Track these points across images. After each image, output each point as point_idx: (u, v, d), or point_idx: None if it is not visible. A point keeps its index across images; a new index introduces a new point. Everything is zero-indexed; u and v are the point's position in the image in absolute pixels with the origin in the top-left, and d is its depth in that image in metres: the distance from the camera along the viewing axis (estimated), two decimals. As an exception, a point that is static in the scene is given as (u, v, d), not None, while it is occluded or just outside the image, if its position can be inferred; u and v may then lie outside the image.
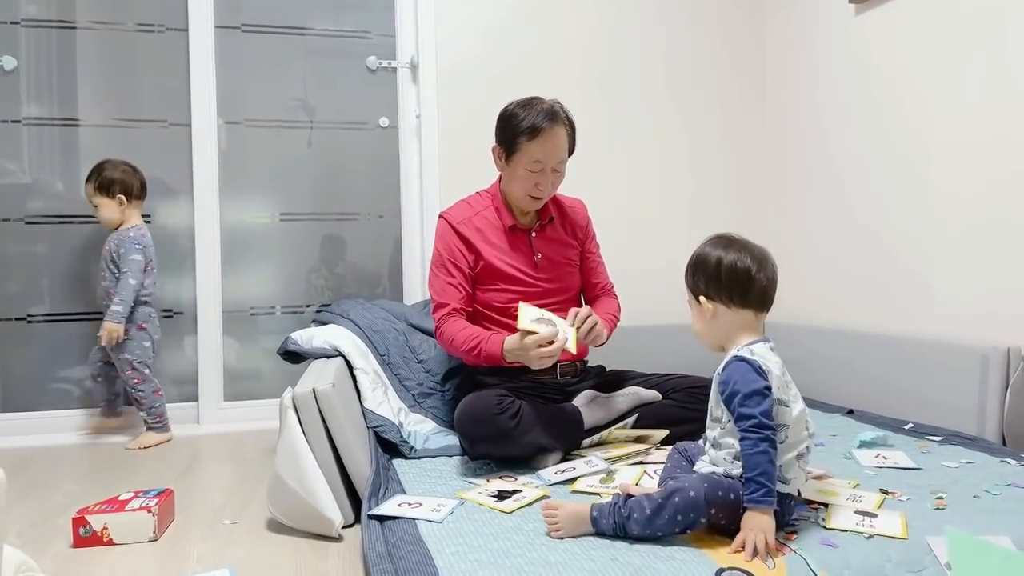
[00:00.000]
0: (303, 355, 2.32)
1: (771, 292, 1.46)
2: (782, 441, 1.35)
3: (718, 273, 1.46)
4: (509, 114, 2.03)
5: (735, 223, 3.16)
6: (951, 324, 2.33)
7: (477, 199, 2.20)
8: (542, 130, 1.97)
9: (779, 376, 1.38)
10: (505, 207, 2.15)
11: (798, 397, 1.41)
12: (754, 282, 1.44)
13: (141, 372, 2.59)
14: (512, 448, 1.83)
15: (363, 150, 3.05)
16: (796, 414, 1.37)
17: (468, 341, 1.95)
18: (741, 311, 1.45)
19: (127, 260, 2.58)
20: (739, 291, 1.44)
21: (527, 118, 1.98)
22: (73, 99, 2.81)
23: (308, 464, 1.65)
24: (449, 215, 2.15)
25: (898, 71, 2.54)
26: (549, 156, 2.00)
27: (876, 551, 1.28)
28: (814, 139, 2.97)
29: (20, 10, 2.74)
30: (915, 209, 2.48)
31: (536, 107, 1.99)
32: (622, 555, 1.27)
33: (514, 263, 2.11)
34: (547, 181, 2.04)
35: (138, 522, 1.64)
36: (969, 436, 2.07)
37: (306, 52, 3.01)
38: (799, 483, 1.40)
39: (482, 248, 2.09)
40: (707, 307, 1.47)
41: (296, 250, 3.01)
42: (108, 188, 2.59)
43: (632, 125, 3.14)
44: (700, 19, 3.20)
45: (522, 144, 1.99)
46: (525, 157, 2.00)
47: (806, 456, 1.40)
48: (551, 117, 1.98)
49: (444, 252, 2.09)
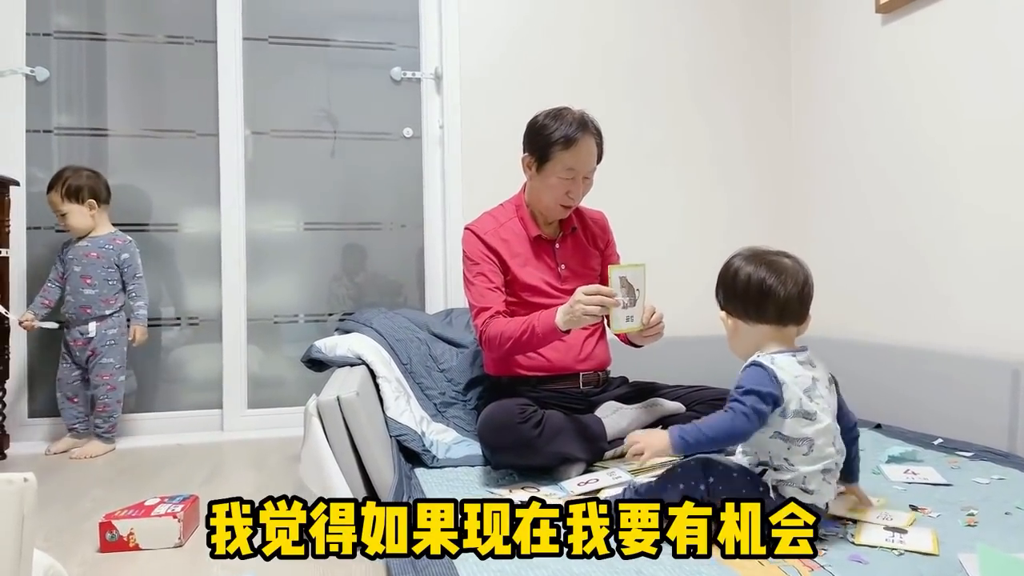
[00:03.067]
0: (327, 363, 2.33)
1: (792, 306, 1.42)
2: (805, 454, 1.35)
3: (735, 288, 1.46)
4: (540, 125, 2.05)
5: (759, 233, 3.18)
6: (981, 338, 2.29)
7: (501, 211, 2.21)
8: (575, 140, 2.00)
9: (798, 388, 1.37)
10: (530, 217, 2.16)
11: (827, 412, 1.39)
12: (770, 297, 1.41)
13: (117, 379, 2.61)
14: (535, 458, 1.83)
15: (387, 160, 3.07)
16: (820, 428, 1.36)
17: (519, 328, 1.90)
18: (758, 326, 1.44)
19: (136, 264, 2.62)
20: (754, 306, 1.43)
21: (559, 128, 2.00)
22: (103, 109, 2.86)
23: (332, 472, 1.66)
24: (475, 227, 2.15)
25: (925, 81, 2.51)
26: (582, 164, 2.03)
27: (906, 568, 1.26)
28: (839, 149, 2.95)
29: (52, 22, 2.80)
30: (943, 221, 2.44)
31: (567, 117, 2.02)
32: (647, 568, 1.26)
33: (539, 274, 2.12)
34: (578, 189, 2.07)
35: (164, 528, 1.65)
36: (1000, 452, 2.03)
37: (331, 63, 3.04)
38: (825, 497, 1.38)
39: (509, 260, 2.10)
40: (727, 322, 1.50)
41: (320, 259, 3.03)
42: (76, 194, 2.56)
43: (654, 135, 3.13)
44: (723, 29, 3.20)
45: (556, 153, 2.01)
46: (558, 166, 2.02)
47: (833, 472, 1.39)
48: (583, 127, 2.01)
49: (477, 260, 2.09)
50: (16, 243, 2.67)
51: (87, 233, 2.61)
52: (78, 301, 2.58)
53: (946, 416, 2.28)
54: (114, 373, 2.60)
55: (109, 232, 2.64)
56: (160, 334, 2.89)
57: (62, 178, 2.57)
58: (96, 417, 2.60)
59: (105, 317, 2.60)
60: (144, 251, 2.79)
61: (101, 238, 2.62)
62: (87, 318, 2.58)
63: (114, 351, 2.60)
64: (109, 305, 2.60)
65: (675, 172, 3.16)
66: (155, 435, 2.78)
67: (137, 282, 2.62)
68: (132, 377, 2.83)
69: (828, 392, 1.43)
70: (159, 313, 2.89)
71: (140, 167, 2.89)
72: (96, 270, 2.59)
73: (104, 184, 2.65)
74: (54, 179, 2.58)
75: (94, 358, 2.58)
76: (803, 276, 1.45)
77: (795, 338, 1.47)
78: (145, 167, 2.89)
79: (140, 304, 2.61)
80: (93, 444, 2.58)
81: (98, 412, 2.60)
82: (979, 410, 2.17)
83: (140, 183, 2.89)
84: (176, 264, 2.91)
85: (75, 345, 2.59)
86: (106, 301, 2.60)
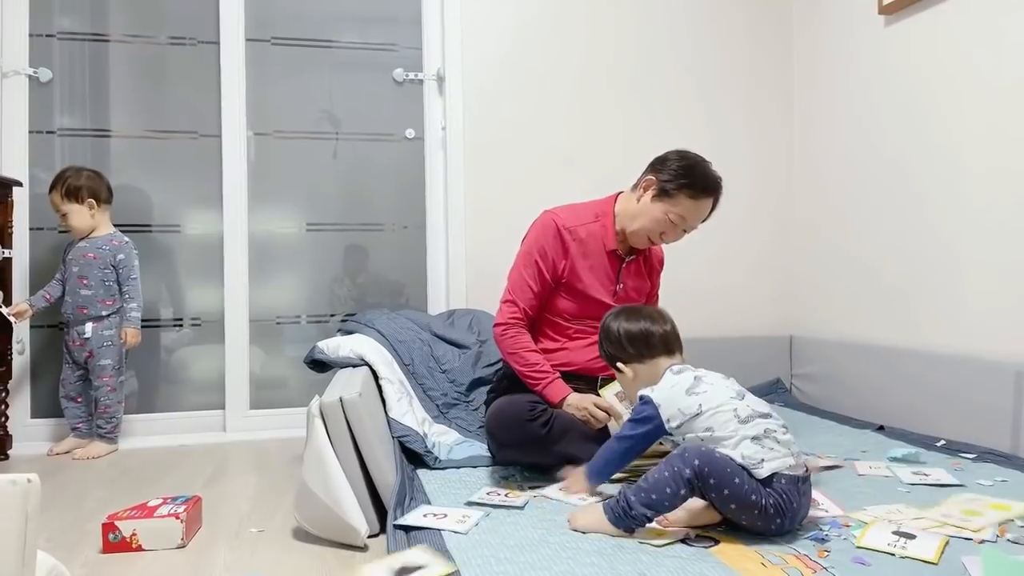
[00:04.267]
0: (329, 364, 2.33)
1: (672, 337, 1.69)
2: (717, 437, 1.43)
3: (621, 342, 1.70)
4: (687, 164, 2.00)
5: (761, 236, 3.18)
6: (984, 340, 2.28)
7: (585, 209, 2.14)
8: (703, 197, 1.99)
9: (677, 395, 1.53)
10: (613, 229, 2.11)
11: (716, 393, 1.50)
12: (653, 336, 1.67)
13: (116, 380, 2.61)
14: (541, 456, 1.84)
15: (389, 161, 3.07)
16: (710, 411, 1.47)
17: (531, 366, 1.98)
18: (654, 361, 1.67)
19: (132, 266, 2.61)
20: (644, 347, 1.68)
21: (700, 178, 1.98)
22: (106, 111, 2.86)
23: (335, 473, 1.66)
24: (558, 216, 2.08)
25: (927, 82, 2.51)
26: (692, 220, 2.02)
27: (909, 571, 1.26)
28: (842, 150, 2.94)
29: (55, 23, 2.81)
30: (946, 221, 2.44)
31: (711, 173, 2.00)
32: (650, 570, 1.26)
33: (599, 285, 2.09)
34: (673, 236, 2.06)
35: (166, 529, 1.65)
36: (1003, 453, 2.03)
37: (334, 64, 3.04)
38: (780, 459, 1.39)
39: (577, 261, 2.06)
40: (626, 374, 1.70)
41: (322, 260, 3.03)
42: (76, 194, 2.56)
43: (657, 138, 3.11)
44: (725, 30, 3.20)
45: (680, 195, 1.98)
46: (675, 206, 1.99)
47: (765, 439, 1.41)
48: (715, 190, 2.00)
49: (538, 252, 2.05)
50: (19, 244, 2.67)
51: (88, 233, 2.62)
52: (75, 301, 2.58)
53: (949, 418, 2.28)
54: (113, 375, 2.60)
55: (108, 233, 2.65)
56: (162, 335, 2.90)
57: (63, 178, 2.58)
58: (98, 418, 2.61)
59: (102, 318, 2.60)
60: (147, 252, 2.79)
61: (99, 239, 2.62)
62: (84, 319, 2.58)
63: (111, 352, 2.59)
64: (106, 306, 2.60)
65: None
66: (158, 436, 2.79)
67: (132, 284, 2.62)
68: (134, 378, 2.84)
69: (722, 379, 1.57)
70: (161, 314, 2.90)
71: (143, 168, 2.89)
72: (92, 271, 2.59)
73: (105, 185, 2.65)
74: (55, 179, 2.59)
75: (92, 359, 2.58)
76: (668, 315, 1.74)
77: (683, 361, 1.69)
78: (148, 168, 2.89)
79: (133, 306, 2.61)
80: (96, 445, 2.58)
81: (100, 413, 2.60)
82: (982, 412, 2.17)
83: (143, 184, 2.89)
84: (178, 265, 2.92)
85: (73, 346, 2.60)
86: (103, 302, 2.60)
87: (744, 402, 1.50)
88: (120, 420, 2.64)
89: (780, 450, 1.41)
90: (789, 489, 1.38)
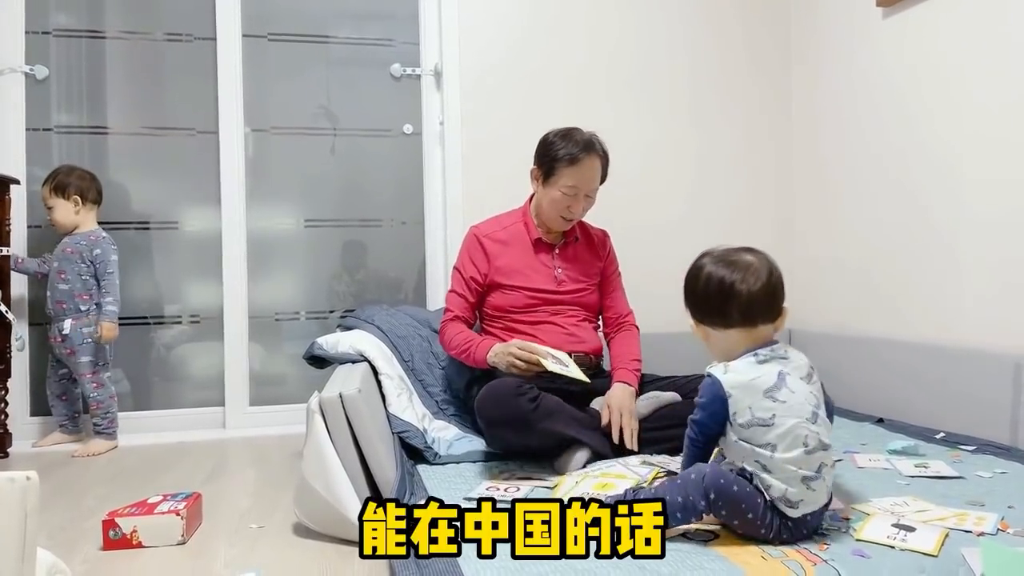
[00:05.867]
0: (328, 360, 2.33)
1: (758, 304, 1.38)
2: (770, 458, 1.32)
3: (695, 291, 1.44)
4: (549, 142, 2.18)
5: (761, 229, 3.18)
6: (983, 332, 2.29)
7: (507, 216, 2.34)
8: (580, 159, 2.12)
9: (753, 394, 1.34)
10: (534, 223, 2.27)
11: (792, 413, 1.34)
12: (732, 297, 1.38)
13: (100, 376, 2.60)
14: (530, 437, 1.85)
15: (387, 157, 3.07)
16: (781, 432, 1.32)
17: (461, 344, 2.13)
18: (727, 331, 1.41)
19: (109, 261, 2.60)
20: (718, 310, 1.40)
21: (566, 147, 2.13)
22: (102, 108, 2.85)
23: (334, 468, 1.66)
24: (478, 228, 2.30)
25: (927, 75, 2.51)
26: (584, 183, 2.14)
27: (909, 562, 1.26)
28: (841, 144, 2.94)
29: (51, 20, 2.80)
30: (945, 214, 2.44)
31: (575, 137, 2.14)
32: (650, 564, 1.26)
33: (534, 274, 2.23)
34: (579, 206, 2.18)
35: (167, 525, 1.65)
36: (1002, 446, 2.03)
37: (331, 60, 3.03)
38: (811, 506, 1.34)
39: (502, 257, 2.23)
40: (699, 332, 1.48)
41: (321, 256, 3.03)
42: (63, 189, 2.58)
43: (655, 133, 3.12)
44: (724, 26, 3.19)
45: (560, 170, 2.13)
46: (562, 182, 2.14)
47: (815, 480, 1.33)
48: (588, 148, 2.13)
49: (461, 266, 2.26)
50: (17, 241, 2.67)
51: (71, 230, 2.62)
52: (55, 296, 2.59)
53: (948, 410, 2.28)
54: (96, 371, 2.59)
55: (89, 230, 2.64)
56: (161, 332, 2.90)
57: (55, 174, 2.60)
58: (92, 416, 2.61)
59: (80, 314, 2.58)
60: (145, 249, 2.79)
61: (80, 235, 2.62)
62: (63, 314, 2.57)
63: (89, 349, 2.58)
64: (83, 300, 2.59)
65: (675, 168, 3.14)
66: (157, 433, 2.79)
67: (108, 278, 2.60)
68: (133, 376, 2.84)
69: (804, 384, 1.38)
70: (161, 311, 2.90)
71: (140, 165, 2.88)
72: (70, 266, 2.58)
73: (96, 187, 2.66)
74: (49, 175, 2.61)
75: (72, 357, 2.57)
76: (767, 271, 1.39)
77: (771, 336, 1.42)
78: (145, 165, 2.89)
79: (109, 300, 2.59)
80: (95, 442, 2.58)
81: (93, 410, 2.60)
82: (981, 404, 2.17)
83: (140, 181, 2.89)
84: (177, 262, 2.92)
85: (54, 343, 2.60)
86: (80, 296, 2.58)
87: (816, 427, 1.34)
88: (115, 415, 2.63)
89: (822, 492, 1.34)
90: (801, 520, 1.34)
